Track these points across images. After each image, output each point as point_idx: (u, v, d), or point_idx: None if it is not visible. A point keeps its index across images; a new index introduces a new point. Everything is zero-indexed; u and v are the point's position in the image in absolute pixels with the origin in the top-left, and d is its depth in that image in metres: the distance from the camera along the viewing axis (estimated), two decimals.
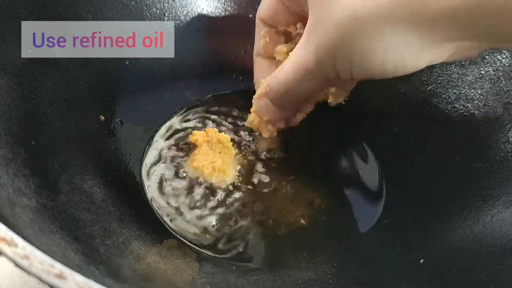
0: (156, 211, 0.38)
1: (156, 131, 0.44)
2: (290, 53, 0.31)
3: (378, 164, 0.43)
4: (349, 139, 0.45)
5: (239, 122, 0.45)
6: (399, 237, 0.37)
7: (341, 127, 0.46)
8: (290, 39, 0.36)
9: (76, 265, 0.24)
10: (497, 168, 0.37)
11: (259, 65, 0.38)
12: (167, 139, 0.43)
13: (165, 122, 0.45)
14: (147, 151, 0.42)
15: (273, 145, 0.42)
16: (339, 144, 0.44)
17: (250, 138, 0.44)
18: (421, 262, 0.34)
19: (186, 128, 0.45)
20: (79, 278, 0.19)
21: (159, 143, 0.43)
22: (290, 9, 0.34)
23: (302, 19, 0.34)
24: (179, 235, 0.37)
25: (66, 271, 0.19)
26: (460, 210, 0.36)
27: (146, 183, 0.40)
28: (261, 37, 0.36)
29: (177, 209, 0.38)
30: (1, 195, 0.25)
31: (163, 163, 0.41)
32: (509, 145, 0.37)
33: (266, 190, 0.40)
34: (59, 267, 0.19)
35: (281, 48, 0.36)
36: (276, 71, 0.32)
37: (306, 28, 0.28)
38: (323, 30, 0.26)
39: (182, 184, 0.40)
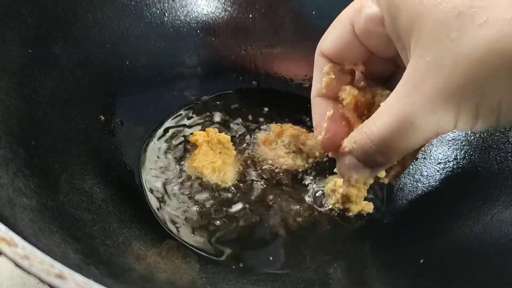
0: (156, 212, 0.38)
1: (156, 131, 0.44)
2: (382, 103, 0.26)
3: None
4: None
5: (239, 122, 0.46)
6: (399, 237, 0.37)
7: None
8: (354, 79, 0.31)
9: (76, 265, 0.24)
10: (497, 168, 0.37)
11: (319, 106, 0.32)
12: (167, 139, 0.43)
13: (165, 122, 0.45)
14: (147, 151, 0.42)
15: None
16: None
17: (250, 138, 0.44)
18: (421, 262, 0.34)
19: (187, 128, 0.45)
20: (79, 278, 0.19)
21: (159, 143, 0.43)
22: (365, 45, 0.28)
23: (374, 59, 0.29)
24: (178, 235, 0.37)
25: (66, 271, 0.19)
26: (460, 210, 0.36)
27: (145, 183, 0.40)
28: (323, 74, 0.30)
29: (176, 209, 0.38)
30: (1, 195, 0.25)
31: (162, 163, 0.41)
32: (509, 145, 0.37)
33: (267, 191, 0.40)
34: (59, 267, 0.19)
35: (351, 90, 0.30)
36: (364, 125, 0.27)
37: (409, 71, 0.24)
38: (447, 70, 0.21)
39: (182, 184, 0.40)
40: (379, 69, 0.31)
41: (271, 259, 0.36)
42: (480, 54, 0.20)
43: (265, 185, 0.41)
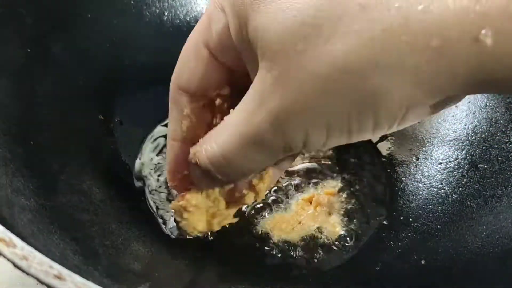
0: (155, 212, 0.38)
1: (156, 131, 0.44)
2: (225, 118, 0.23)
3: (382, 166, 0.43)
4: (358, 142, 0.45)
5: None
6: (400, 238, 0.37)
7: None
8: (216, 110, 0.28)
9: (75, 266, 0.24)
10: (499, 169, 0.37)
11: (176, 151, 0.29)
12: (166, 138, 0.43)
13: (164, 121, 0.45)
14: (146, 151, 0.42)
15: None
16: (346, 145, 0.44)
17: None
18: (422, 263, 0.34)
19: None
20: (78, 279, 0.19)
21: (159, 143, 0.43)
22: (224, 64, 0.25)
23: (238, 76, 0.26)
24: (177, 235, 0.36)
25: (65, 272, 0.19)
26: (461, 210, 0.36)
27: (145, 183, 0.40)
28: (183, 117, 0.28)
29: (175, 209, 0.38)
30: None
31: (162, 163, 0.41)
32: (511, 145, 0.37)
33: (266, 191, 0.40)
34: (57, 268, 0.19)
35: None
36: (205, 140, 0.24)
37: (255, 86, 0.21)
38: (293, 86, 0.19)
39: None
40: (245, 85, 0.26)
41: (271, 260, 0.36)
42: (326, 70, 0.18)
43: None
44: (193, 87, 0.27)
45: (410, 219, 0.39)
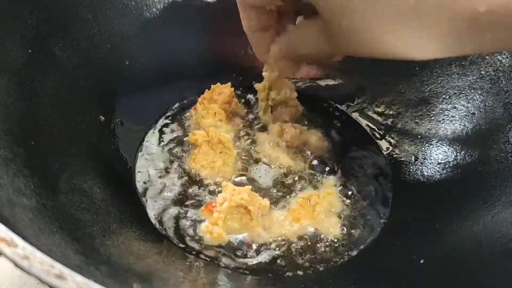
0: (155, 212, 0.38)
1: (156, 131, 0.44)
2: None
3: (382, 166, 0.43)
4: (358, 142, 0.46)
5: (239, 122, 0.46)
6: (400, 238, 0.37)
7: (352, 130, 0.46)
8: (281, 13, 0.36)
9: (76, 265, 0.24)
10: (497, 169, 0.37)
11: (256, 39, 0.38)
12: (167, 138, 0.43)
13: (164, 121, 0.45)
14: (146, 151, 0.42)
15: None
16: (348, 145, 0.45)
17: (251, 138, 0.44)
18: (421, 262, 0.34)
19: (186, 128, 0.45)
20: (79, 278, 0.19)
21: (159, 143, 0.43)
22: None
23: None
24: (176, 236, 0.37)
25: (66, 271, 0.19)
26: (460, 210, 0.36)
27: (145, 183, 0.40)
28: (250, 19, 0.36)
29: (175, 209, 0.38)
30: (1, 195, 0.25)
31: (162, 162, 0.41)
32: (509, 145, 0.37)
33: (267, 191, 0.40)
34: (59, 267, 0.19)
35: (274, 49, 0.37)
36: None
37: None
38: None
39: (181, 184, 0.40)
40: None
41: (271, 260, 0.36)
42: None
43: (265, 186, 0.41)
44: (257, 2, 0.34)
45: (409, 219, 0.39)
